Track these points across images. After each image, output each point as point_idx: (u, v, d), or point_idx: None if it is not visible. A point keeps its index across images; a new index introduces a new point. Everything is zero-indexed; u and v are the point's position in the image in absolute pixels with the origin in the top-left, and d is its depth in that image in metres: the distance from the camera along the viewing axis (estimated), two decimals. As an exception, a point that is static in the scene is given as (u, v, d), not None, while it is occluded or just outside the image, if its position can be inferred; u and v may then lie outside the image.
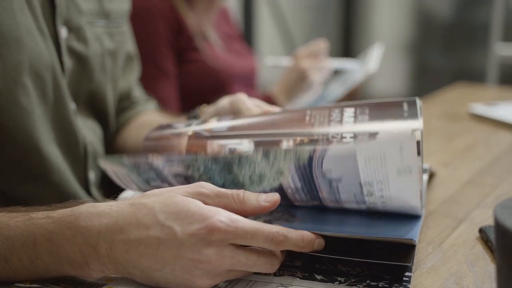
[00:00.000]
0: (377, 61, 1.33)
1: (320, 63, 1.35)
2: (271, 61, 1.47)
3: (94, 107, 0.87)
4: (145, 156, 0.62)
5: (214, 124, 0.66)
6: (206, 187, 0.53)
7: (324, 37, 1.42)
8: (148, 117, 0.99)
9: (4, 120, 0.69)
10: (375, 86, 3.68)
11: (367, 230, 0.59)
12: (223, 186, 0.59)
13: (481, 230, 0.65)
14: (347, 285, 0.54)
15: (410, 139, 0.54)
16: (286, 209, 0.63)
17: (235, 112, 0.71)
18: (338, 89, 1.39)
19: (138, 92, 1.04)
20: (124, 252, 0.50)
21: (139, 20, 1.27)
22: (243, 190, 0.54)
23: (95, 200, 0.82)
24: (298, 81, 1.34)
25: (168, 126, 0.70)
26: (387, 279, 0.54)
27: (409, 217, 0.60)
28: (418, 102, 0.62)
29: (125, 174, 0.65)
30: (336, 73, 1.51)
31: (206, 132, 0.65)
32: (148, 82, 1.14)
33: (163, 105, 1.27)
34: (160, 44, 1.34)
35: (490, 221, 0.69)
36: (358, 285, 0.54)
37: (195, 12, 1.40)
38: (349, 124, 0.60)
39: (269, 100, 1.30)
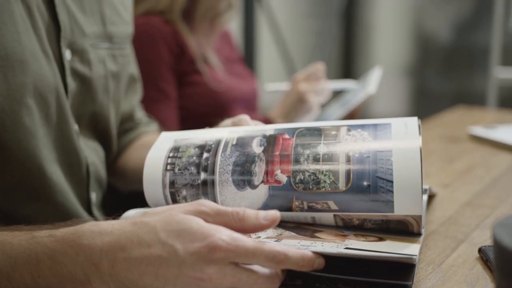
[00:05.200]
0: (377, 84, 1.35)
1: (318, 85, 1.36)
2: (271, 87, 1.48)
3: (97, 128, 0.88)
4: None
5: None
6: (206, 205, 0.54)
7: (325, 60, 1.43)
8: (150, 138, 0.99)
9: (8, 140, 0.70)
10: (375, 109, 3.70)
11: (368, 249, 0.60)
12: None
13: (480, 250, 0.65)
14: (348, 304, 0.54)
15: None
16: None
17: None
18: (337, 111, 1.40)
19: (140, 114, 1.05)
20: (126, 270, 0.50)
21: (142, 43, 1.28)
22: (243, 208, 0.54)
23: (97, 220, 0.82)
24: (296, 104, 1.35)
25: None
26: (387, 298, 0.55)
27: (409, 237, 0.61)
28: (417, 121, 0.63)
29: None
30: (336, 94, 1.52)
31: None
32: (149, 104, 1.15)
33: (163, 128, 1.28)
34: (161, 68, 1.35)
35: (489, 242, 0.69)
36: (358, 304, 0.54)
37: (196, 36, 1.42)
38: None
39: (268, 123, 1.31)
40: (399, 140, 0.62)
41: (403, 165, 0.59)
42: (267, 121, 1.33)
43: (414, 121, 0.64)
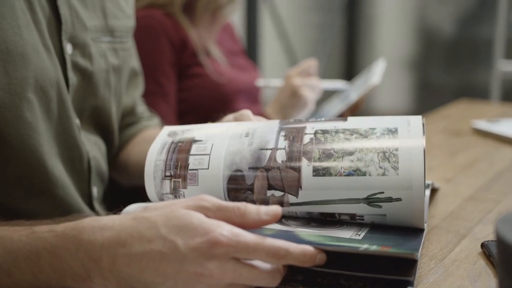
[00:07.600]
0: (380, 75, 1.35)
1: (311, 81, 1.36)
2: (261, 82, 1.48)
3: (98, 122, 0.88)
4: None
5: None
6: (207, 200, 0.53)
7: (328, 54, 1.43)
8: (151, 132, 0.99)
9: (9, 135, 0.69)
10: (378, 102, 3.69)
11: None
12: None
13: (483, 245, 0.65)
14: (349, 299, 0.54)
15: None
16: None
17: None
18: (337, 106, 1.40)
19: (142, 108, 1.04)
20: (126, 266, 0.50)
21: (143, 36, 1.28)
22: (244, 203, 0.54)
23: (98, 215, 0.82)
24: (291, 98, 1.35)
25: None
26: (389, 293, 0.54)
27: (411, 232, 0.61)
28: (422, 119, 0.62)
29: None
30: (329, 94, 1.52)
31: None
32: (146, 97, 1.15)
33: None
34: (162, 62, 1.34)
35: (492, 237, 0.68)
36: (360, 300, 0.54)
37: (198, 28, 1.41)
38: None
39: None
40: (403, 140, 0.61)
41: (408, 166, 0.59)
42: (263, 117, 1.33)
43: (418, 120, 0.63)
